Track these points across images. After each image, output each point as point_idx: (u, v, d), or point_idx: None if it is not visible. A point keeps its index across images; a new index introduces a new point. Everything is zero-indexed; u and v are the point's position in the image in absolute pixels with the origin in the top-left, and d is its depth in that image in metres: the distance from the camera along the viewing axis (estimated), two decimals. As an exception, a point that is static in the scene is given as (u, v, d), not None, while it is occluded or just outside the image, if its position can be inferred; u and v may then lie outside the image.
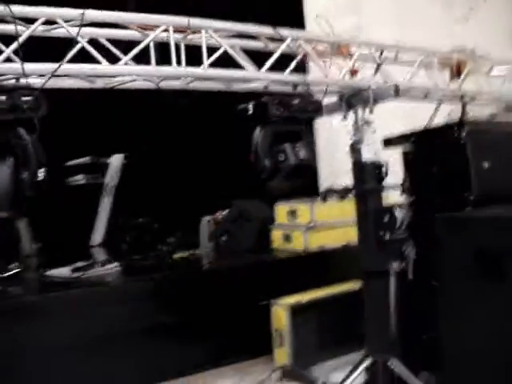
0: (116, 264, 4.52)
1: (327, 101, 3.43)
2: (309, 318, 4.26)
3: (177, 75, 2.93)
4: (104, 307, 3.99)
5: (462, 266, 2.96)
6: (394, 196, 3.78)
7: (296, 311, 4.23)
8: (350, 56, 3.35)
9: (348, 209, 3.73)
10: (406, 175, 3.79)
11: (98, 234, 6.41)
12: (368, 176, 3.31)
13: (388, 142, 3.90)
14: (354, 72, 3.36)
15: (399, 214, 3.20)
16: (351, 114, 3.37)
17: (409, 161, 3.79)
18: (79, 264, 4.55)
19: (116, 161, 6.24)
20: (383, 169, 3.30)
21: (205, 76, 2.96)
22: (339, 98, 3.40)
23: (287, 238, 4.83)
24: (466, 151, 3.41)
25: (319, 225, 4.88)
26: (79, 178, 6.27)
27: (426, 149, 3.70)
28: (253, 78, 3.00)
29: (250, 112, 3.09)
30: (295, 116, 3.12)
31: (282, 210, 4.95)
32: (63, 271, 4.35)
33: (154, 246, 5.69)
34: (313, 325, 4.28)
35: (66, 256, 5.10)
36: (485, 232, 2.85)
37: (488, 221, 2.87)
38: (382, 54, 3.44)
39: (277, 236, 4.94)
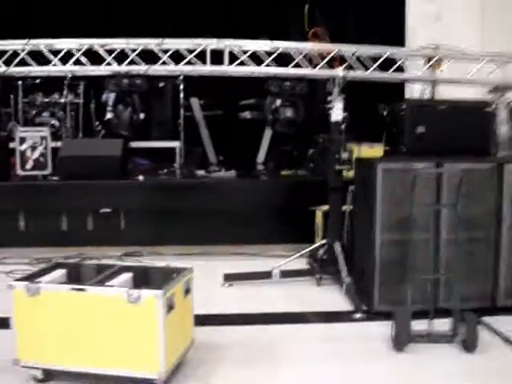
0: (233, 171, 7.27)
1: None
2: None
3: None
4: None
5: (358, 191, 4.96)
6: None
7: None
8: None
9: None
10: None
11: (260, 156, 9.23)
12: (335, 129, 5.34)
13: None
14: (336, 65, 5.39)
15: (345, 154, 5.22)
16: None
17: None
18: (211, 168, 7.49)
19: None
20: (342, 126, 5.29)
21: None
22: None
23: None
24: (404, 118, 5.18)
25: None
26: (246, 114, 9.06)
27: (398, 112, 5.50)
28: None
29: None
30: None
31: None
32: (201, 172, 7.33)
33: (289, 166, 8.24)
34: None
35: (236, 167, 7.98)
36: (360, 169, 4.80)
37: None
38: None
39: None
